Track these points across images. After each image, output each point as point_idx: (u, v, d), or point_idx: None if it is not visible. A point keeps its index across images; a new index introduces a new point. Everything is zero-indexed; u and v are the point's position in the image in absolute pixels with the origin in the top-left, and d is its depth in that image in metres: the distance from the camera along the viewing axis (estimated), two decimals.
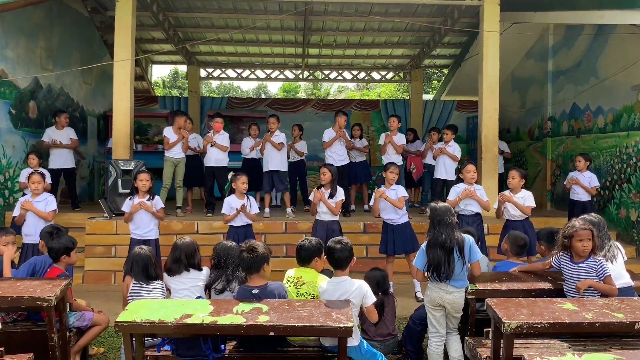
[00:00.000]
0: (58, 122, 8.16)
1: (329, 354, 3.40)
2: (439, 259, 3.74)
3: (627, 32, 7.64)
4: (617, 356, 2.74)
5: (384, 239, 6.09)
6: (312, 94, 27.13)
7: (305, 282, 3.64)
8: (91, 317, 4.03)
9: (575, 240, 3.65)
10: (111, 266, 6.88)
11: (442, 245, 3.75)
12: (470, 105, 12.94)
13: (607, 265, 3.64)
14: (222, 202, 5.91)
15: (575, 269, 3.69)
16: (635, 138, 7.59)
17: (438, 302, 3.85)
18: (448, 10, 9.65)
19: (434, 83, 22.28)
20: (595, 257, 3.66)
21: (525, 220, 5.85)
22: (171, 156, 7.65)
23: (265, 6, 9.75)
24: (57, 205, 5.96)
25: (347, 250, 3.63)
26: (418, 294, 5.95)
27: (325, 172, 5.92)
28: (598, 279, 3.61)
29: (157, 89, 19.69)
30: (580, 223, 3.70)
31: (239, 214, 5.73)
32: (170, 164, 7.66)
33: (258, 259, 3.48)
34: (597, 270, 3.61)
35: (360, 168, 8.58)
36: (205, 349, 3.25)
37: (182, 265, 3.76)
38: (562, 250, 3.78)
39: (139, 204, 5.51)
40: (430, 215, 3.92)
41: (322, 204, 5.87)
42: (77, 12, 10.21)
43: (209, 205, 7.91)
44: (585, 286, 3.60)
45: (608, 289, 3.59)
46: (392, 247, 5.99)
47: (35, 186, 5.75)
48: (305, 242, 3.80)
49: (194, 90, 13.16)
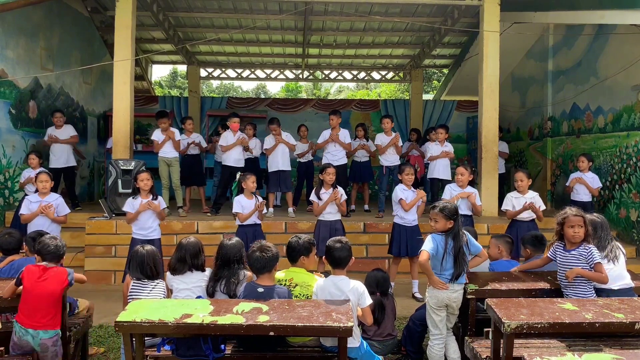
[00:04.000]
0: (55, 122, 8.19)
1: (328, 353, 3.40)
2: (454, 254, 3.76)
3: (627, 32, 7.64)
4: (617, 356, 2.74)
5: (396, 240, 6.02)
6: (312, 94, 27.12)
7: (297, 283, 3.63)
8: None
9: (567, 227, 3.70)
10: (111, 266, 6.88)
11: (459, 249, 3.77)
12: (470, 105, 12.94)
13: (597, 253, 3.65)
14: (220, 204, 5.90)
15: (567, 256, 3.72)
16: (635, 138, 7.59)
17: (445, 302, 3.83)
18: (448, 10, 9.65)
19: (434, 83, 22.28)
20: (586, 244, 3.67)
21: (530, 222, 5.97)
22: (163, 156, 7.69)
23: (265, 6, 9.75)
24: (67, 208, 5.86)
25: (346, 249, 3.62)
26: (416, 294, 5.95)
27: (331, 172, 5.93)
28: (588, 267, 3.62)
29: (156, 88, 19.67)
30: (573, 210, 3.75)
31: (255, 211, 5.73)
32: (163, 163, 7.71)
33: (271, 259, 3.50)
34: (587, 257, 3.63)
35: (364, 168, 8.62)
36: (205, 348, 3.24)
37: (186, 265, 3.75)
38: (557, 239, 3.84)
39: (147, 203, 5.48)
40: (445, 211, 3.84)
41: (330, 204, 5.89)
42: (77, 12, 10.21)
43: (216, 205, 7.91)
44: (574, 274, 3.62)
45: (597, 277, 3.60)
46: (405, 249, 5.96)
47: (43, 185, 5.69)
48: (293, 240, 3.78)
49: (194, 90, 13.16)
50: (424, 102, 13.39)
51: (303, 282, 3.62)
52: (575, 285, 3.66)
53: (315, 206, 5.99)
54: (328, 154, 7.93)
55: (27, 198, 5.85)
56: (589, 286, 3.66)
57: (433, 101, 13.85)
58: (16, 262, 4.20)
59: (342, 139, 7.92)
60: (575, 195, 7.24)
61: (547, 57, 10.05)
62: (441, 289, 3.78)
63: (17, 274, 4.01)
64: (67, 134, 8.26)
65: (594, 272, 3.60)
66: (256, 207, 5.71)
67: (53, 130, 8.18)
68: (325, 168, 6.02)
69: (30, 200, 5.73)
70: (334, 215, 5.95)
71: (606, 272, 3.63)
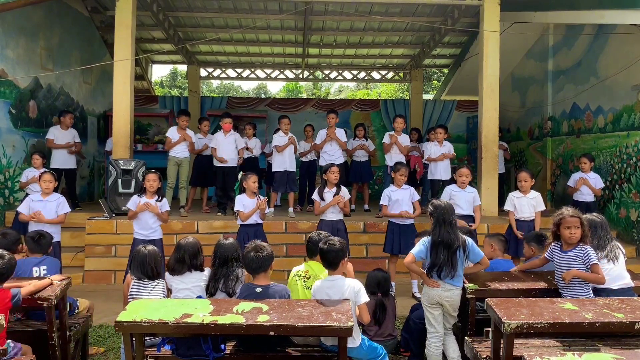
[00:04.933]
0: (63, 122, 8.19)
1: (329, 353, 3.40)
2: (444, 259, 3.76)
3: (627, 32, 7.64)
4: (617, 356, 2.74)
5: (389, 238, 6.07)
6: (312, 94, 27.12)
7: (311, 275, 3.77)
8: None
9: (563, 228, 3.69)
10: (111, 266, 6.87)
11: (449, 246, 3.77)
12: (470, 105, 12.94)
13: (593, 254, 3.63)
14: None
15: (564, 257, 3.72)
16: (635, 138, 7.59)
17: (436, 301, 3.86)
18: (448, 10, 9.65)
19: (434, 83, 22.27)
20: (583, 245, 3.66)
21: (531, 221, 6.02)
22: (174, 155, 7.73)
23: (265, 6, 9.75)
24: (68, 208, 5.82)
25: (334, 251, 3.59)
26: (416, 294, 5.96)
27: (335, 171, 5.94)
28: (585, 268, 3.61)
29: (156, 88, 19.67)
30: (570, 211, 3.73)
31: (257, 210, 5.74)
32: (173, 163, 7.76)
33: (266, 259, 3.51)
34: (584, 258, 3.61)
35: (364, 167, 8.63)
36: (205, 348, 3.24)
37: (185, 266, 3.76)
38: (553, 240, 3.83)
39: (144, 204, 5.50)
40: (434, 213, 3.90)
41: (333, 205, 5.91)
42: (77, 12, 10.21)
43: (220, 205, 7.92)
44: (570, 276, 3.61)
45: (593, 278, 3.59)
46: (398, 247, 5.99)
47: (47, 185, 5.70)
48: (314, 235, 3.95)
49: (194, 90, 13.16)
50: (424, 102, 13.39)
51: (316, 275, 3.81)
52: (573, 287, 3.65)
53: (316, 206, 5.99)
54: (325, 154, 7.97)
55: (29, 197, 5.87)
56: (586, 287, 3.66)
57: (433, 101, 13.85)
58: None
59: (339, 137, 8.00)
60: (579, 196, 7.23)
61: (547, 57, 10.05)
62: (431, 287, 3.85)
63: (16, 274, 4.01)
64: (72, 137, 8.28)
65: (590, 273, 3.59)
66: (257, 205, 5.71)
67: (58, 130, 8.16)
68: (329, 167, 6.02)
69: (32, 199, 5.74)
70: (336, 215, 5.95)
71: (603, 273, 3.62)
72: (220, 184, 7.94)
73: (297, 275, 3.85)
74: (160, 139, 11.34)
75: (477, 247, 3.93)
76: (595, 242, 3.83)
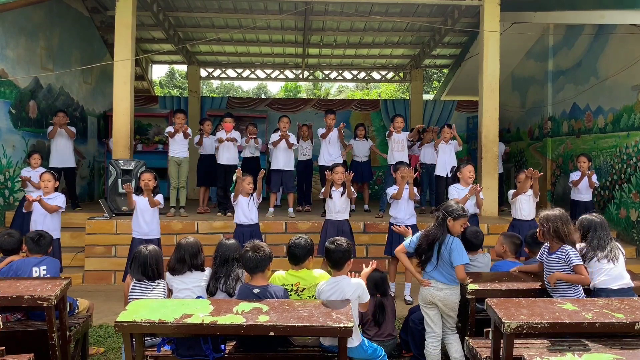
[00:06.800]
0: (56, 122, 8.16)
1: (329, 353, 3.40)
2: (424, 247, 3.89)
3: (627, 32, 7.64)
4: (617, 356, 2.74)
5: (389, 240, 6.04)
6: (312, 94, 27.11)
7: (304, 287, 3.63)
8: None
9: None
10: (111, 266, 6.87)
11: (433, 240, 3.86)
12: (470, 105, 12.94)
13: (574, 254, 3.61)
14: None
15: (549, 260, 3.73)
16: (635, 138, 7.59)
17: (430, 300, 3.89)
18: (448, 10, 9.65)
19: (434, 83, 22.27)
20: (564, 246, 3.65)
21: (531, 221, 6.00)
22: (174, 155, 7.73)
23: (265, 6, 9.75)
24: (63, 204, 5.85)
25: (340, 251, 3.59)
26: (407, 297, 5.95)
27: (340, 171, 5.93)
28: (569, 269, 3.60)
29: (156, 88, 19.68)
30: (542, 212, 3.81)
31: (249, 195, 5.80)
32: (173, 163, 7.76)
33: (263, 259, 3.51)
34: (566, 259, 3.61)
35: (365, 167, 8.64)
36: (205, 348, 3.24)
37: (185, 266, 3.75)
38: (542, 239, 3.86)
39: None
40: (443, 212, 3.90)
41: (336, 203, 5.90)
42: (77, 12, 10.21)
43: (221, 205, 7.92)
44: (554, 279, 3.62)
45: (576, 279, 3.59)
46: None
47: (46, 184, 5.75)
48: (300, 240, 3.72)
49: (194, 90, 13.15)
50: (424, 102, 13.40)
51: (310, 286, 3.63)
52: (559, 289, 3.66)
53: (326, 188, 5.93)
54: (325, 154, 7.98)
55: (30, 194, 5.91)
56: (574, 288, 3.65)
57: (433, 101, 13.85)
58: (15, 263, 4.19)
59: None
60: (577, 195, 7.26)
61: (547, 57, 10.04)
62: (422, 284, 3.94)
63: (16, 274, 4.01)
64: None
65: (574, 274, 3.59)
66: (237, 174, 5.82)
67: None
68: (334, 167, 6.00)
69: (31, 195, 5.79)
70: (342, 214, 5.96)
71: (586, 273, 3.63)
72: (221, 184, 7.95)
73: (286, 286, 3.62)
74: (160, 139, 11.35)
75: (459, 253, 3.80)
76: (595, 242, 3.82)
